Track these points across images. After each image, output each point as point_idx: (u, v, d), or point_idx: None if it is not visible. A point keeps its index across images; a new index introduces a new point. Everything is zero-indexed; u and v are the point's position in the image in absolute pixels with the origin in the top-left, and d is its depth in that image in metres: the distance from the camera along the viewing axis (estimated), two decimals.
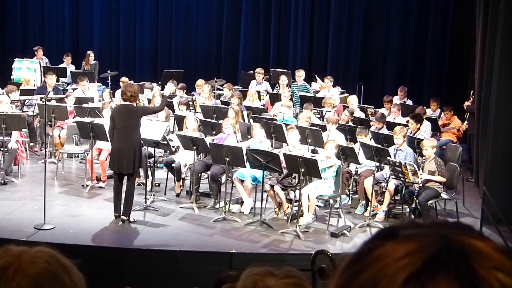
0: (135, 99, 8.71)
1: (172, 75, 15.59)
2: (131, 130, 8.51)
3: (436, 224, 1.00)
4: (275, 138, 10.49)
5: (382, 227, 5.20)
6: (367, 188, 9.39)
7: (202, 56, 18.61)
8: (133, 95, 8.61)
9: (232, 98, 12.35)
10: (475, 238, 0.96)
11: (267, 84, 14.95)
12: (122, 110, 8.66)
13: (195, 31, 18.64)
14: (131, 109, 8.57)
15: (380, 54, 16.87)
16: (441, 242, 0.93)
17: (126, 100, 8.63)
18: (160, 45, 18.91)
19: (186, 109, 12.04)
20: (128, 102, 8.60)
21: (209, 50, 18.58)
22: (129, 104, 8.60)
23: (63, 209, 9.30)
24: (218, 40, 18.43)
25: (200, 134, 10.33)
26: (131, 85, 9.13)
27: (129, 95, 8.59)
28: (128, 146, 8.47)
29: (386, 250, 0.95)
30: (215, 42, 18.48)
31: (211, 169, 9.71)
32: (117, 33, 19.03)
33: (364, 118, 12.03)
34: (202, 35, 18.61)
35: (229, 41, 18.26)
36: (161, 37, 18.83)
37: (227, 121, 10.14)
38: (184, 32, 18.69)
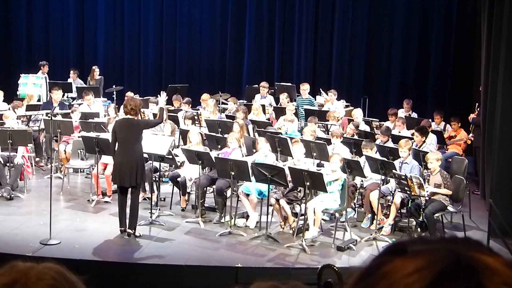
0: (136, 113, 8.70)
1: (177, 89, 15.63)
2: (133, 143, 8.53)
3: (445, 239, 1.00)
4: (280, 152, 10.48)
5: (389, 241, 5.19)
6: (373, 201, 9.35)
7: (206, 70, 18.64)
8: (133, 108, 8.61)
9: (237, 112, 12.37)
10: (485, 253, 0.95)
11: (272, 98, 14.96)
12: (123, 123, 8.68)
13: (199, 45, 18.69)
14: (132, 122, 8.59)
15: (384, 67, 16.90)
16: (451, 258, 0.93)
17: (127, 113, 8.65)
18: (165, 59, 18.95)
19: (191, 124, 12.06)
20: (129, 116, 8.62)
21: (213, 64, 18.62)
22: (130, 117, 8.61)
23: (69, 224, 9.29)
24: (222, 54, 18.47)
25: (205, 148, 10.33)
26: (132, 98, 9.18)
27: (130, 109, 8.60)
28: (130, 159, 8.49)
29: (395, 266, 0.95)
30: (219, 56, 18.52)
31: (217, 183, 9.70)
32: (121, 48, 19.09)
33: (369, 131, 12.01)
34: (206, 49, 18.66)
35: (233, 55, 18.30)
36: (165, 52, 18.88)
37: (232, 135, 10.14)
38: (188, 46, 18.74)
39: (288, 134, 11.49)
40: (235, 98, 14.42)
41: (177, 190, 10.32)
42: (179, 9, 18.50)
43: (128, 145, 8.54)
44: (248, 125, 11.82)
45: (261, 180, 8.86)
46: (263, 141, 9.90)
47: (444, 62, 16.44)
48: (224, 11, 18.22)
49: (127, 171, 8.47)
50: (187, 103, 13.68)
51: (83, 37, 18.89)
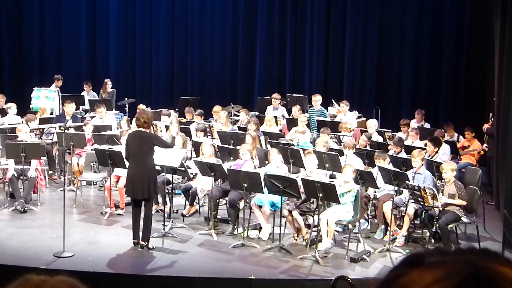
0: (148, 126, 8.76)
1: (189, 101, 15.67)
2: (145, 156, 8.57)
3: (462, 250, 1.00)
4: (292, 163, 10.47)
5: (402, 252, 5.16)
6: (386, 212, 9.32)
7: (218, 82, 18.67)
8: (146, 121, 8.66)
9: (249, 124, 12.39)
10: (503, 264, 0.95)
11: (284, 109, 14.97)
12: (135, 136, 8.73)
13: (210, 57, 18.74)
14: (144, 135, 8.62)
15: (395, 77, 16.86)
16: (469, 269, 0.92)
17: (139, 126, 8.69)
18: (176, 72, 19.01)
19: (203, 136, 12.08)
20: (142, 129, 8.65)
21: (225, 76, 18.65)
22: (142, 130, 8.65)
23: (82, 236, 9.31)
24: (233, 66, 18.51)
25: (217, 160, 10.34)
26: (145, 111, 9.22)
27: (143, 121, 8.65)
28: (142, 171, 8.52)
29: (413, 277, 0.94)
30: (230, 68, 18.56)
31: (229, 195, 9.70)
32: (133, 60, 19.17)
33: (382, 142, 11.97)
34: (217, 61, 18.70)
35: (245, 67, 18.33)
36: (177, 64, 18.94)
37: (245, 147, 10.15)
38: (200, 59, 18.79)
39: (300, 146, 11.48)
40: (247, 110, 14.44)
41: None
42: (190, 21, 18.57)
43: (140, 157, 8.57)
44: (260, 137, 11.82)
45: (273, 192, 8.85)
46: (275, 152, 9.90)
47: (457, 71, 16.38)
48: (235, 23, 18.28)
49: (140, 184, 8.50)
50: (199, 115, 13.71)
51: (95, 50, 18.99)
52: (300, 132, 12.24)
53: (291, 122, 13.57)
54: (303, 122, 12.83)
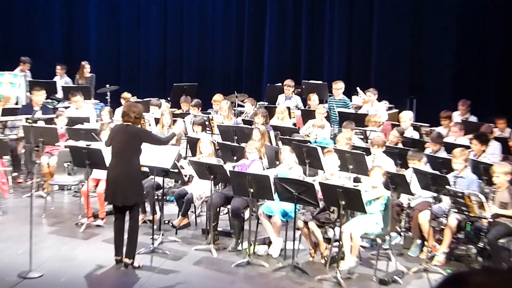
0: (139, 121, 8.74)
1: (184, 89, 15.67)
2: (130, 154, 8.53)
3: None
4: (309, 164, 10.45)
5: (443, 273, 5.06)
6: (423, 224, 9.27)
7: (219, 67, 18.71)
8: (137, 116, 8.63)
9: (256, 117, 12.39)
10: None
11: (298, 98, 14.96)
12: (120, 130, 8.67)
13: (211, 38, 18.76)
14: (132, 130, 8.57)
15: (434, 60, 16.78)
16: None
17: (127, 121, 8.63)
18: (169, 53, 19.03)
19: (201, 130, 12.06)
20: (130, 123, 8.61)
21: (228, 59, 18.67)
22: (130, 125, 8.60)
23: (54, 252, 9.26)
24: (238, 48, 18.52)
25: (218, 160, 10.31)
26: (135, 104, 9.08)
27: (133, 117, 8.59)
28: (126, 173, 8.48)
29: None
30: (234, 50, 18.57)
31: (232, 203, 9.67)
32: (117, 40, 19.20)
33: (417, 139, 11.93)
34: (219, 42, 18.72)
35: (252, 48, 18.34)
36: (170, 44, 18.97)
37: (251, 144, 10.12)
38: (198, 39, 18.81)
39: (319, 143, 11.46)
40: (253, 100, 14.42)
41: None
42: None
43: (124, 156, 8.52)
44: (269, 132, 11.80)
45: (286, 199, 8.81)
46: (288, 151, 9.86)
47: (508, 54, 16.27)
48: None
49: (123, 188, 8.45)
50: (196, 105, 13.68)
51: (71, 27, 19.01)
52: (318, 127, 12.21)
53: (307, 114, 13.54)
54: (322, 114, 12.80)
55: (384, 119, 13.27)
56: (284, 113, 13.20)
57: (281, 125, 12.76)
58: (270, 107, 13.81)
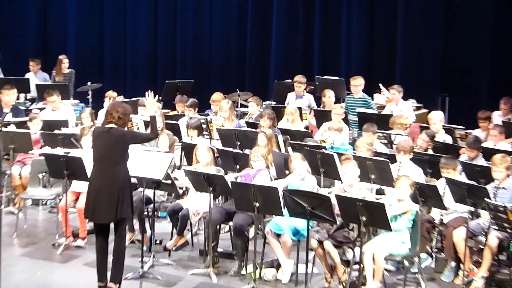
0: (124, 123, 8.64)
1: (177, 87, 15.65)
2: (114, 162, 8.48)
3: None
4: (324, 174, 10.42)
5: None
6: (458, 243, 9.23)
7: (219, 61, 18.70)
8: (121, 117, 8.55)
9: (262, 119, 12.37)
10: None
11: (311, 97, 14.93)
12: (103, 135, 8.61)
13: (208, 27, 18.75)
14: (115, 134, 8.52)
15: (470, 52, 16.71)
16: None
17: (111, 123, 8.58)
18: (161, 46, 19.04)
19: (197, 135, 12.03)
20: (113, 125, 8.56)
21: (228, 52, 18.66)
22: (113, 127, 8.55)
23: (26, 278, 9.23)
24: (240, 39, 18.50)
25: (217, 169, 10.31)
26: (120, 104, 9.05)
27: (117, 117, 8.53)
28: (110, 185, 8.42)
29: None
30: (236, 41, 18.56)
31: (234, 219, 9.64)
32: (100, 30, 19.21)
33: (451, 144, 11.90)
34: (218, 31, 18.72)
35: (257, 39, 18.33)
36: (161, 37, 18.99)
37: (256, 151, 10.09)
38: (194, 29, 18.80)
39: (335, 149, 11.42)
40: (258, 99, 14.37)
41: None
42: None
43: (108, 165, 8.47)
44: (278, 136, 11.76)
45: (297, 214, 8.77)
46: (300, 158, 9.83)
47: None
48: None
49: (103, 202, 8.41)
50: (192, 106, 13.64)
51: (47, 16, 19.02)
52: (334, 130, 12.14)
53: (322, 115, 13.52)
54: (339, 115, 12.76)
55: (411, 120, 13.21)
56: (294, 114, 13.16)
57: (291, 128, 12.74)
58: (278, 108, 13.79)
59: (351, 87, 14.31)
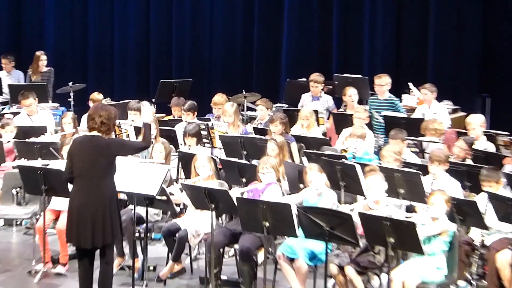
0: (109, 129, 8.62)
1: (173, 88, 15.61)
2: (99, 176, 8.48)
3: None
4: (344, 188, 10.42)
5: None
6: (502, 269, 9.18)
7: (221, 57, 18.69)
8: (105, 122, 8.53)
9: (272, 124, 12.36)
10: None
11: (330, 99, 14.91)
12: (85, 144, 8.60)
13: (209, 20, 18.78)
14: (99, 143, 8.51)
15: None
16: None
17: (93, 129, 8.56)
18: (154, 41, 19.04)
19: (196, 143, 12.01)
20: (97, 133, 8.54)
21: (233, 46, 18.67)
22: (96, 135, 8.53)
23: None
24: (246, 31, 18.51)
25: (220, 183, 10.33)
26: (103, 106, 9.02)
27: (99, 122, 8.51)
28: (95, 202, 8.43)
29: None
30: (241, 35, 18.56)
31: (240, 241, 9.64)
32: (84, 23, 19.23)
33: (493, 153, 11.87)
34: (220, 23, 18.72)
35: (265, 31, 18.34)
36: (154, 30, 18.99)
37: (266, 161, 10.07)
38: (192, 22, 18.82)
39: (358, 159, 11.39)
40: (268, 101, 14.32)
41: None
42: None
43: (91, 179, 8.47)
44: (291, 144, 11.75)
45: (314, 235, 8.75)
46: (316, 170, 9.81)
47: None
48: None
49: (91, 224, 8.41)
50: (190, 110, 13.63)
51: (20, 7, 19.06)
52: (357, 137, 12.08)
53: (342, 120, 13.52)
54: (362, 119, 12.75)
55: (446, 125, 13.18)
56: (310, 118, 13.12)
57: (306, 134, 12.75)
58: (291, 111, 13.77)
59: (376, 87, 14.28)
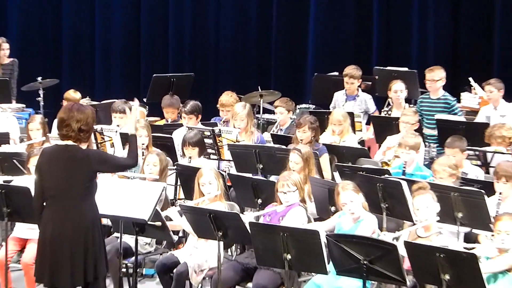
0: (88, 137, 8.62)
1: (170, 83, 15.61)
2: (79, 198, 8.48)
3: None
4: (387, 212, 10.38)
5: None
6: None
7: (231, 47, 18.72)
8: (83, 128, 8.50)
9: (298, 129, 12.39)
10: None
11: (368, 98, 14.92)
12: (58, 157, 8.60)
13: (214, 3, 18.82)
14: (77, 154, 8.51)
15: None
16: None
17: (67, 137, 8.57)
18: (146, 27, 19.11)
19: (199, 154, 12.04)
20: (71, 142, 8.55)
21: (245, 36, 18.70)
22: (72, 145, 8.54)
23: None
24: (262, 17, 18.55)
25: (230, 205, 10.36)
26: (80, 108, 8.95)
27: (77, 129, 8.49)
28: (72, 231, 8.44)
29: None
30: (256, 21, 18.60)
31: (255, 279, 9.67)
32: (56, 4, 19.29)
33: None
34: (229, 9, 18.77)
35: (287, 18, 18.37)
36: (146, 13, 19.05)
37: (287, 177, 10.07)
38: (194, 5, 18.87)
39: (409, 175, 11.34)
40: (289, 101, 14.33)
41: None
42: None
43: (68, 201, 8.47)
44: (321, 155, 11.78)
45: (348, 271, 8.76)
46: (351, 189, 9.80)
47: None
48: None
49: (69, 258, 8.43)
50: (193, 112, 13.64)
51: None
52: (406, 147, 12.04)
53: (385, 124, 13.57)
54: (411, 124, 12.76)
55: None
56: (343, 123, 13.13)
57: (338, 143, 12.76)
58: (319, 114, 13.75)
59: (427, 83, 14.26)
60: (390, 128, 13.08)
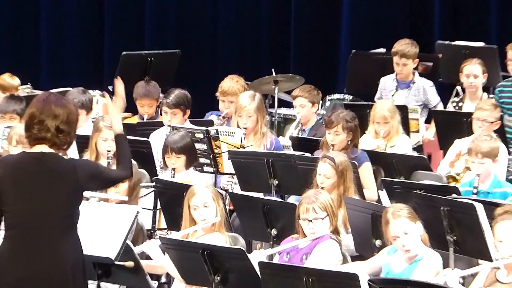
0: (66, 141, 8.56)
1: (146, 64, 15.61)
2: (58, 230, 8.47)
3: None
4: (455, 247, 10.33)
5: None
6: None
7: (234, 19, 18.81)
8: (62, 128, 8.43)
9: (329, 130, 12.36)
10: None
11: (429, 86, 14.87)
12: (28, 170, 8.56)
13: None
14: (59, 167, 8.47)
15: None
16: None
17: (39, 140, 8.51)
18: None
19: (187, 165, 12.01)
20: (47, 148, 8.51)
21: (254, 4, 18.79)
22: (49, 153, 8.50)
23: None
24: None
25: (232, 237, 10.32)
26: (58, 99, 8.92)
27: (55, 129, 8.46)
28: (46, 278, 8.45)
29: None
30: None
31: None
32: None
33: None
34: None
35: None
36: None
37: (315, 198, 10.04)
38: None
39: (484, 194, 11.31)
40: (314, 89, 14.32)
41: None
42: None
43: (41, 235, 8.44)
44: (361, 165, 11.72)
45: None
46: (405, 215, 9.75)
47: None
48: None
49: None
50: (178, 105, 13.61)
51: None
52: (476, 154, 12.02)
53: (451, 122, 13.54)
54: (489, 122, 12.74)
55: None
56: (391, 120, 13.12)
57: (385, 149, 12.74)
58: (358, 107, 13.73)
59: (508, 64, 14.23)
60: (459, 127, 13.05)
